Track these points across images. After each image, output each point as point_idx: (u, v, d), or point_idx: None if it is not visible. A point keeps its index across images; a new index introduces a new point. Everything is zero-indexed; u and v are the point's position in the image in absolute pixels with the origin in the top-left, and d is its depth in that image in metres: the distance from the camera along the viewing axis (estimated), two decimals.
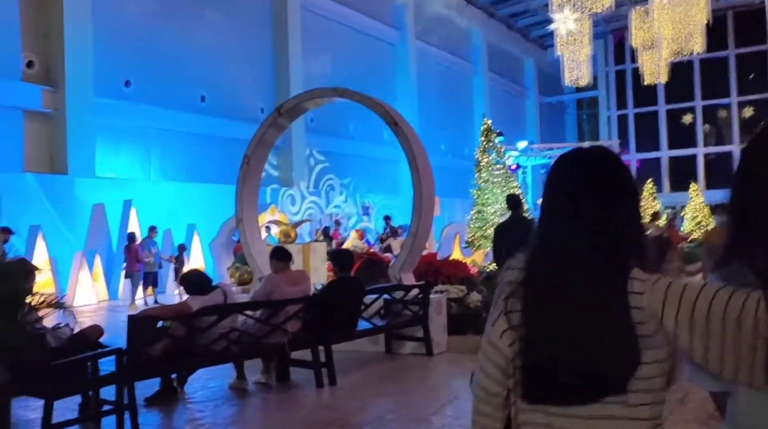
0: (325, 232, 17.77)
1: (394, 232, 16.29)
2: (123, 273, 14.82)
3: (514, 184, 12.72)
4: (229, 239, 16.69)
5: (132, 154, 18.61)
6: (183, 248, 14.67)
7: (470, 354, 7.53)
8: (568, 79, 27.56)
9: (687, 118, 42.74)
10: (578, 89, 46.50)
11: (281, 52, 23.36)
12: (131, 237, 13.90)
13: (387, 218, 17.56)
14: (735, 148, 41.14)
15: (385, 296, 7.34)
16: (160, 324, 4.96)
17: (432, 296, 7.68)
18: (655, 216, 24.24)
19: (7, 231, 11.17)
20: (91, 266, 15.11)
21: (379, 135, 28.45)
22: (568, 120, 49.13)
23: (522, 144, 21.46)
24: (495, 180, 12.54)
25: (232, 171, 21.14)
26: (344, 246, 12.43)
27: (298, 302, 5.74)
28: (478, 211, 12.59)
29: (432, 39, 32.18)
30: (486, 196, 12.60)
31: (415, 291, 7.51)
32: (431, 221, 7.93)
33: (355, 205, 25.36)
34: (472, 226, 12.99)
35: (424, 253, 9.42)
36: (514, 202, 7.95)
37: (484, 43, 36.68)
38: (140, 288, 14.29)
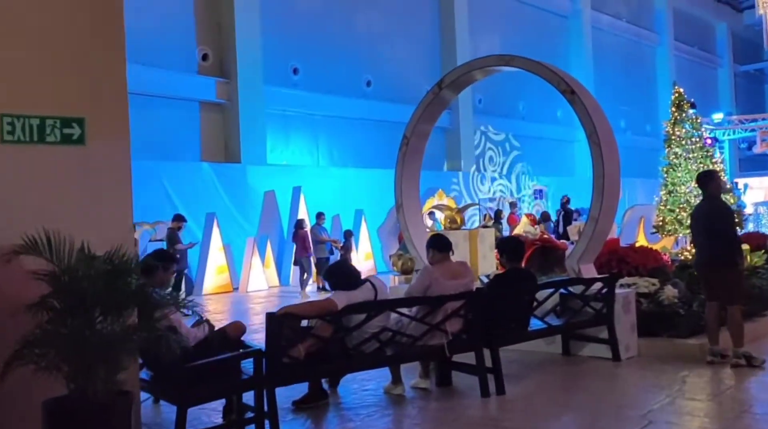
0: (497, 215, 16.85)
1: (567, 216, 15.00)
2: (293, 260, 14.93)
3: (714, 160, 11.00)
4: (395, 225, 16.35)
5: (300, 142, 18.84)
6: (350, 234, 14.47)
7: (665, 360, 6.36)
8: None
9: None
10: None
11: (447, 30, 22.60)
12: (300, 223, 13.90)
13: (566, 202, 16.21)
14: None
15: (562, 291, 6.37)
16: (304, 323, 4.45)
17: (618, 291, 6.59)
18: None
19: (181, 219, 11.49)
20: (263, 252, 15.41)
21: (551, 113, 26.87)
22: (767, 89, 43.84)
23: (718, 116, 19.03)
24: (690, 155, 10.91)
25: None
26: (515, 232, 11.48)
27: (460, 298, 4.98)
28: (669, 192, 11.03)
29: (609, 8, 29.82)
30: (679, 175, 11.01)
31: (597, 285, 6.46)
32: (616, 204, 6.80)
33: (524, 188, 24.11)
34: (661, 208, 11.45)
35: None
36: (703, 180, 6.55)
37: (669, 8, 33.45)
38: (313, 275, 14.28)
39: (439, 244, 5.27)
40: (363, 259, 17.98)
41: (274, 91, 17.51)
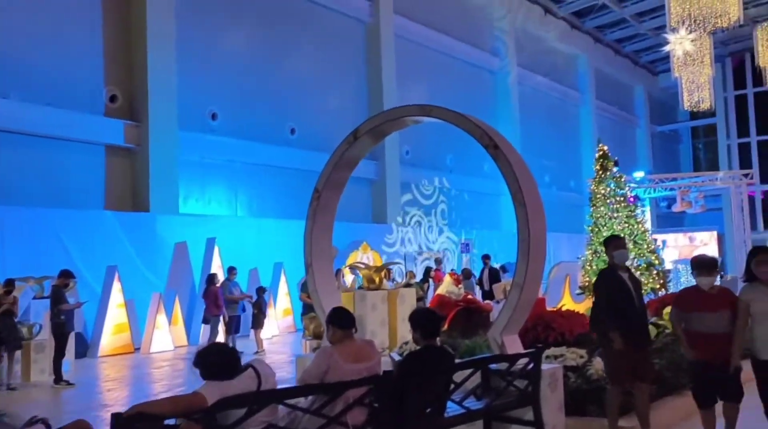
0: (426, 273, 16.24)
1: (493, 275, 14.53)
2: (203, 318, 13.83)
3: (639, 219, 10.80)
4: None
5: (217, 190, 17.90)
6: (262, 291, 13.51)
7: None
8: (688, 103, 25.04)
9: None
10: (693, 117, 43.37)
11: (375, 81, 22.32)
12: (211, 278, 12.88)
13: (486, 257, 15.81)
14: None
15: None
16: (172, 421, 3.59)
17: (544, 366, 5.97)
18: None
19: (68, 275, 10.35)
20: (170, 309, 14.27)
21: (478, 167, 26.86)
22: (682, 150, 45.70)
23: (639, 174, 19.26)
24: (615, 214, 10.65)
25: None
26: (438, 291, 10.89)
27: (363, 384, 4.23)
28: (594, 252, 10.71)
29: (535, 66, 30.41)
30: (604, 234, 10.71)
31: (522, 360, 5.82)
32: (542, 269, 6.23)
33: (453, 243, 23.77)
34: (587, 268, 11.11)
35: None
36: (604, 245, 6.57)
37: (590, 69, 34.52)
38: (222, 334, 13.21)
39: (340, 320, 4.52)
40: (281, 315, 17.02)
41: (189, 136, 16.61)
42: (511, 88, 28.56)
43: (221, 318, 12.62)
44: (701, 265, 5.61)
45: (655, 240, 24.58)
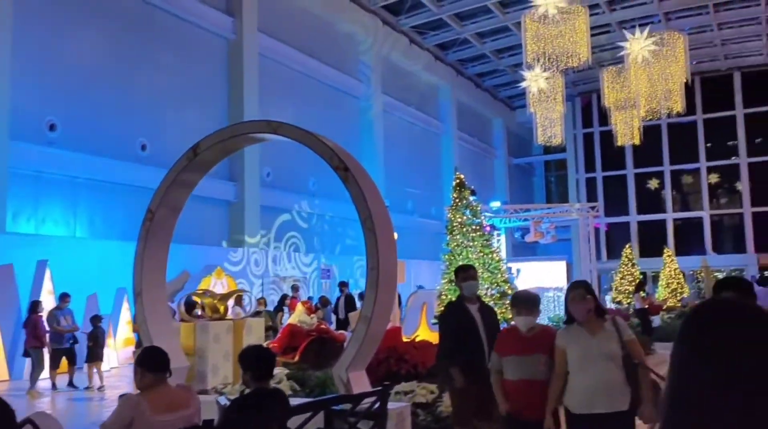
0: (281, 301, 15.57)
1: (349, 303, 14.15)
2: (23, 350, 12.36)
3: (493, 248, 10.84)
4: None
5: (54, 208, 16.34)
6: (98, 319, 12.29)
7: None
8: (541, 137, 26.23)
9: (653, 183, 42.01)
10: (546, 151, 45.86)
11: (236, 99, 21.51)
12: (33, 306, 11.51)
13: (343, 285, 15.42)
14: (704, 214, 40.39)
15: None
16: None
17: (391, 405, 5.58)
18: (640, 286, 22.62)
19: None
20: None
21: (341, 191, 26.57)
22: (536, 182, 48.14)
23: (495, 204, 19.76)
24: (470, 243, 10.62)
25: (187, 230, 19.00)
26: (289, 321, 10.32)
27: None
28: (450, 280, 10.61)
29: (400, 94, 30.79)
30: (459, 262, 10.64)
31: (369, 399, 5.39)
32: (392, 300, 5.89)
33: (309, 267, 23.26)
34: (443, 297, 10.98)
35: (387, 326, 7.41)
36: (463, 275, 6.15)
37: (453, 100, 35.52)
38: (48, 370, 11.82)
39: (151, 362, 3.86)
40: (121, 345, 15.70)
41: (22, 147, 15.05)
42: (376, 115, 28.68)
43: (44, 350, 11.30)
44: (519, 301, 4.89)
45: (510, 268, 25.44)
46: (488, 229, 17.17)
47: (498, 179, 41.58)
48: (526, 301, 4.87)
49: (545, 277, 30.37)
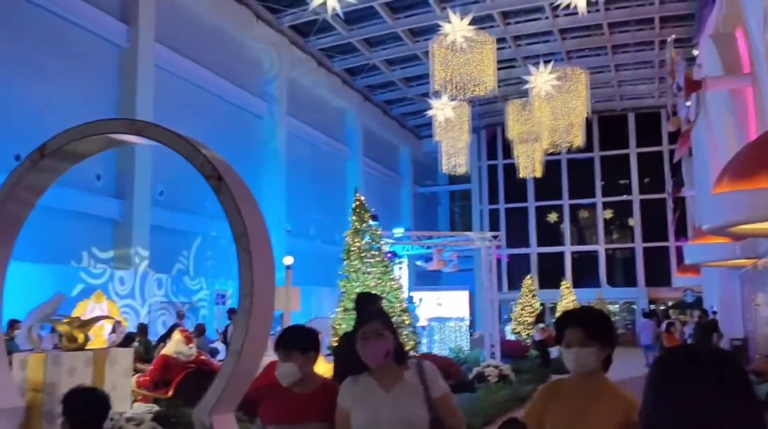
0: (141, 329, 14.27)
1: None
2: None
3: (392, 276, 10.23)
4: None
5: None
6: None
7: None
8: (446, 166, 26.19)
9: (552, 216, 43.11)
10: (452, 182, 46.33)
11: (128, 112, 20.09)
12: None
13: (232, 312, 14.38)
14: (600, 248, 41.71)
15: None
16: None
17: None
18: (540, 317, 22.70)
19: None
20: None
21: None
22: (441, 212, 48.45)
23: (398, 231, 19.31)
24: (368, 269, 9.98)
25: (64, 249, 17.33)
26: (163, 351, 9.28)
27: None
28: (345, 309, 9.90)
29: (305, 116, 30.09)
30: (356, 289, 9.95)
31: None
32: (267, 332, 5.09)
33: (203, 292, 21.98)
34: (337, 326, 10.24)
35: (267, 361, 6.67)
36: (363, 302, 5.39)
37: (359, 126, 35.18)
38: None
39: None
40: None
41: None
42: (280, 137, 27.84)
43: None
44: (282, 342, 3.56)
45: (411, 297, 25.02)
46: (390, 255, 16.66)
47: (403, 207, 41.47)
48: (288, 342, 3.51)
49: (448, 306, 30.19)
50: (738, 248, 15.44)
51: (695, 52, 23.60)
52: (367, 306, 5.27)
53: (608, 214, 42.62)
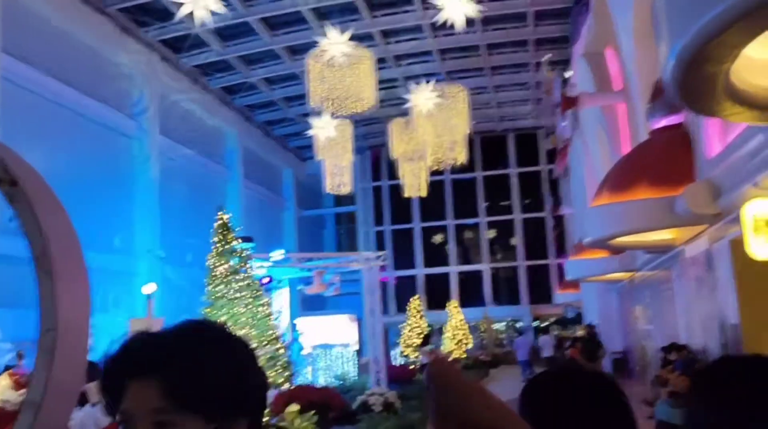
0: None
1: (92, 369, 11.67)
2: None
3: (262, 301, 9.23)
4: None
5: None
6: None
7: None
8: (330, 185, 25.39)
9: (437, 238, 43.38)
10: (337, 204, 45.69)
11: None
12: None
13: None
14: (484, 267, 42.27)
15: None
16: None
17: None
18: (426, 339, 22.25)
19: None
20: None
21: (107, 240, 23.63)
22: (326, 235, 47.60)
23: (277, 254, 18.28)
24: (235, 295, 8.95)
25: None
26: None
27: None
28: None
29: (179, 136, 28.42)
30: (222, 316, 8.90)
31: None
32: (78, 378, 4.01)
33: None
34: None
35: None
36: None
37: (239, 147, 33.80)
38: None
39: None
40: None
41: None
42: (151, 157, 26.08)
43: None
44: None
45: (294, 324, 23.92)
46: (266, 282, 15.64)
47: (287, 231, 40.28)
48: None
49: (335, 332, 29.26)
50: (617, 262, 15.59)
51: (568, 74, 24.31)
52: None
53: (491, 233, 43.36)
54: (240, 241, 9.81)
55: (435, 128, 22.28)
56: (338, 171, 25.72)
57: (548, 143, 24.48)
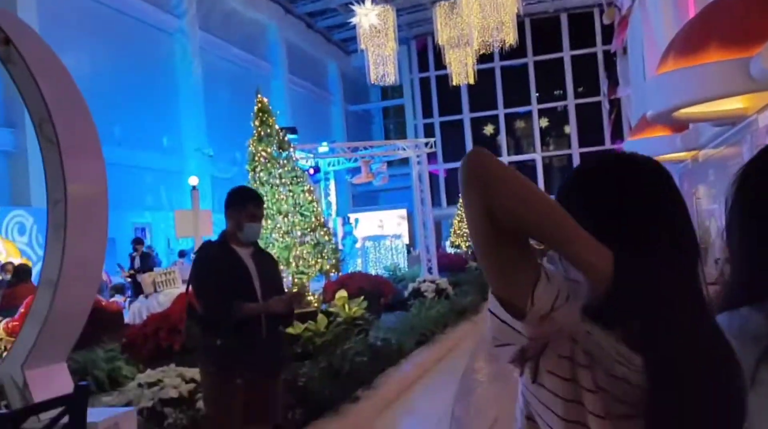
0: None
1: (145, 261, 11.80)
2: None
3: (305, 187, 8.90)
4: None
5: None
6: None
7: None
8: (374, 76, 24.56)
9: (488, 128, 42.27)
10: (384, 97, 44.72)
11: None
12: None
13: (138, 242, 12.95)
14: (537, 157, 41.25)
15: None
16: None
17: (100, 415, 3.56)
18: None
19: None
20: None
21: (156, 141, 23.70)
22: (375, 129, 46.93)
23: (323, 146, 17.89)
24: (275, 181, 8.65)
25: None
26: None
27: None
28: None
29: (221, 32, 27.77)
30: (266, 204, 8.64)
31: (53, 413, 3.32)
32: (98, 252, 3.75)
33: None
34: None
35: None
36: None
37: (282, 41, 32.91)
38: None
39: None
40: None
41: None
42: (194, 55, 25.62)
43: None
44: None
45: (348, 218, 23.90)
46: (313, 171, 15.36)
47: (335, 126, 39.77)
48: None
49: (386, 226, 29.28)
50: (678, 140, 14.69)
51: None
52: (251, 212, 3.95)
53: (544, 122, 41.97)
54: (282, 130, 9.40)
55: (482, 9, 21.03)
56: (382, 61, 24.80)
57: (606, 18, 22.86)
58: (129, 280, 12.64)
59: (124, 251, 19.46)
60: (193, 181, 13.13)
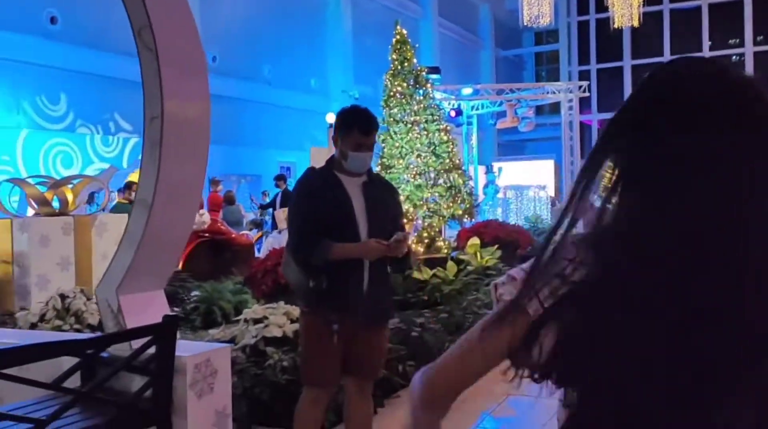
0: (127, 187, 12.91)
1: (285, 197, 11.85)
2: None
3: (441, 126, 8.33)
4: None
5: None
6: None
7: None
8: (528, 17, 23.23)
9: None
10: (538, 42, 42.58)
11: None
12: None
13: (280, 178, 13.04)
14: None
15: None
16: None
17: (199, 348, 3.34)
18: None
19: None
20: None
21: (304, 82, 24.01)
22: (526, 76, 44.98)
23: (468, 89, 17.12)
24: (410, 118, 8.17)
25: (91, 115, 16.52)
26: None
27: None
28: (385, 168, 8.19)
29: None
30: (396, 144, 8.22)
31: (141, 341, 3.13)
32: (198, 173, 3.46)
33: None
34: None
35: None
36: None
37: None
38: None
39: None
40: None
41: None
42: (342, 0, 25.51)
43: None
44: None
45: (490, 166, 23.07)
46: (453, 115, 14.70)
47: (484, 72, 38.48)
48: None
49: (531, 176, 28.05)
50: None
51: None
52: (357, 139, 3.42)
53: None
54: (423, 68, 8.87)
55: None
56: (537, 0, 23.35)
57: None
58: (262, 215, 12.82)
59: (269, 188, 20.03)
60: (330, 118, 12.98)
